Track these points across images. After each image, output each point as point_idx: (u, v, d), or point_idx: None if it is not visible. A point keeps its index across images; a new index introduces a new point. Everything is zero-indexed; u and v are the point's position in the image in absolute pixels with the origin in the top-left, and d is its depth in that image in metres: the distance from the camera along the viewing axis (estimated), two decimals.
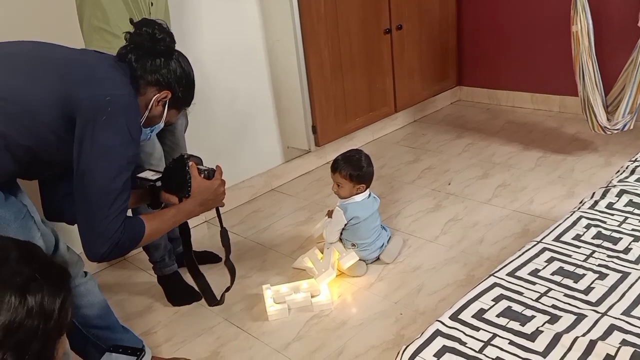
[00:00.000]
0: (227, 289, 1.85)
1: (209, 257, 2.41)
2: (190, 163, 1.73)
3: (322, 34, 2.87)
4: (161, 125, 1.72)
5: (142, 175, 1.84)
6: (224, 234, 1.89)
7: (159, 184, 1.79)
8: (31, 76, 1.47)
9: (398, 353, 1.19)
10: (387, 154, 3.32)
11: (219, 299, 1.84)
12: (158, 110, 1.65)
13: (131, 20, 1.65)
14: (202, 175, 1.75)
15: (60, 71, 1.50)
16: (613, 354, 1.07)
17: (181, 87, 1.65)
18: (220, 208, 1.85)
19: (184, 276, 2.16)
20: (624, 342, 1.10)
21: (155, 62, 1.59)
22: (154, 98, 1.61)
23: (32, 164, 1.53)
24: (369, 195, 2.29)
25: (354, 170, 2.20)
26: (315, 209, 2.78)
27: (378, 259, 2.30)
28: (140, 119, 1.60)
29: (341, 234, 2.27)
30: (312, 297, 2.09)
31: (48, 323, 0.70)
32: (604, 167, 2.85)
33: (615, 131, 2.82)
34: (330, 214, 2.30)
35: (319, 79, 2.90)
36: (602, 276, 1.31)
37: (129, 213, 1.67)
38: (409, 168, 3.12)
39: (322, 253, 2.28)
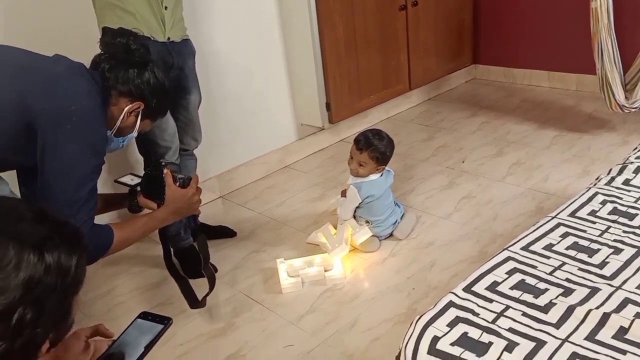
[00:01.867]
0: (207, 294, 1.87)
1: (224, 232, 2.44)
2: (166, 171, 1.74)
3: (337, 11, 2.85)
4: (134, 134, 1.72)
5: (122, 179, 1.87)
6: (202, 241, 1.90)
7: (138, 188, 1.81)
8: None
9: (411, 323, 1.21)
10: (401, 131, 3.31)
11: (200, 301, 1.86)
12: (130, 121, 1.65)
13: (104, 29, 1.63)
14: (177, 184, 1.76)
15: (21, 77, 1.48)
16: (627, 326, 1.08)
17: (155, 98, 1.64)
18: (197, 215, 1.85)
19: None
20: (638, 315, 1.11)
21: (129, 73, 1.58)
22: (125, 109, 1.60)
23: None
24: (384, 174, 2.29)
25: (382, 153, 2.20)
26: (328, 185, 2.80)
27: (391, 235, 2.31)
28: (105, 130, 1.59)
29: (355, 211, 2.28)
30: (326, 271, 2.11)
31: (65, 280, 0.73)
32: (620, 145, 2.82)
33: (634, 110, 2.79)
34: (344, 193, 2.31)
35: (333, 55, 2.88)
36: (617, 251, 1.31)
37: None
38: (423, 146, 3.11)
39: (336, 229, 2.30)
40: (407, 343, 1.15)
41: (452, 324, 1.14)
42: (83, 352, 0.96)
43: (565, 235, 1.41)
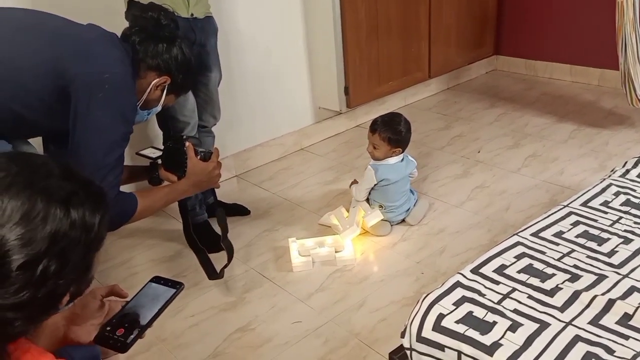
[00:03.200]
0: (226, 265, 1.93)
1: (238, 210, 2.48)
2: (187, 144, 1.78)
3: None
4: (158, 108, 1.76)
5: (144, 152, 1.91)
6: (220, 214, 1.93)
7: (159, 161, 1.85)
8: (23, 44, 1.49)
9: (418, 301, 1.23)
10: (418, 119, 3.31)
11: (218, 272, 1.92)
12: (156, 95, 1.68)
13: (134, 3, 1.66)
14: (199, 157, 1.80)
15: (56, 42, 1.51)
16: (631, 312, 1.09)
17: (181, 74, 1.67)
18: (216, 190, 1.89)
19: (214, 226, 2.23)
20: None
21: (158, 47, 1.61)
22: (153, 82, 1.64)
23: (18, 128, 1.56)
24: (402, 159, 2.29)
25: (393, 134, 2.20)
26: (343, 169, 2.82)
27: (403, 221, 2.33)
28: (135, 99, 1.63)
29: (370, 193, 2.30)
30: (336, 252, 2.14)
31: (89, 235, 0.76)
32: (639, 142, 2.80)
33: None
34: (354, 183, 2.33)
35: (354, 39, 2.88)
36: (627, 241, 1.32)
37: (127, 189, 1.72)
38: (439, 134, 3.11)
39: (348, 212, 2.32)
40: (412, 319, 1.18)
41: (457, 303, 1.16)
42: (98, 310, 0.99)
43: (576, 224, 1.42)
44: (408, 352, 1.18)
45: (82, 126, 1.50)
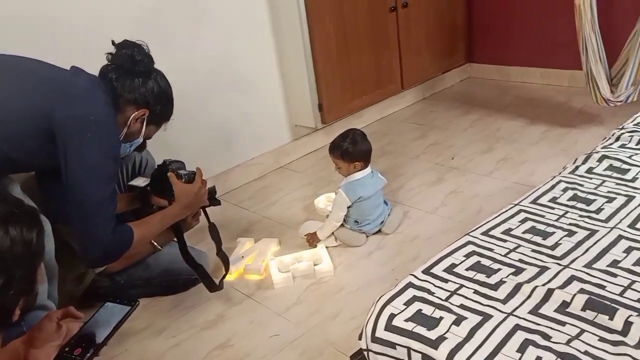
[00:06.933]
0: (224, 276, 2.00)
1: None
2: (169, 173, 1.88)
3: (327, 12, 2.92)
4: (140, 140, 1.85)
5: (133, 182, 2.04)
6: (212, 228, 2.01)
7: (149, 188, 1.97)
8: (12, 87, 1.58)
9: (373, 303, 1.28)
10: (394, 130, 3.38)
11: (217, 284, 1.98)
12: (137, 127, 1.78)
13: (113, 42, 1.76)
14: (183, 180, 1.89)
15: (44, 87, 1.60)
16: (569, 300, 1.14)
17: (159, 105, 1.78)
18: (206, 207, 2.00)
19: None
20: (581, 291, 1.17)
21: (134, 82, 1.71)
22: (132, 116, 1.73)
23: (7, 167, 1.63)
24: (372, 172, 2.33)
25: (343, 150, 2.24)
26: (322, 184, 2.88)
27: (379, 231, 2.38)
28: (119, 137, 1.72)
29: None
30: (315, 265, 2.19)
31: (29, 249, 0.82)
32: None
33: (619, 103, 2.83)
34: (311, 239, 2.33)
35: (324, 56, 2.96)
36: (571, 234, 1.38)
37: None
38: (415, 144, 3.18)
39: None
40: (367, 322, 1.23)
41: (408, 303, 1.22)
42: (56, 332, 1.05)
43: (524, 221, 1.47)
44: (365, 353, 1.23)
45: (74, 167, 1.58)
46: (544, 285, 1.19)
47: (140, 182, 2.05)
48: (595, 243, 1.32)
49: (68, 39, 2.20)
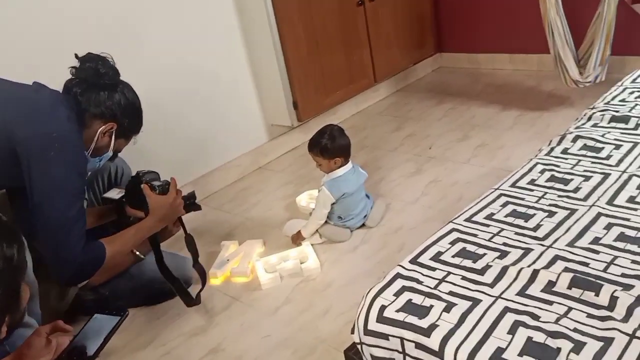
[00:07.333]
0: (201, 290, 1.97)
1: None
2: (143, 186, 1.84)
3: (295, 11, 2.93)
4: (110, 154, 1.81)
5: (108, 195, 2.00)
6: (189, 240, 1.98)
7: (124, 200, 1.93)
8: None
9: (363, 296, 1.29)
10: (370, 124, 3.40)
11: (194, 298, 1.95)
12: (105, 141, 1.74)
13: (76, 55, 1.72)
14: (157, 192, 1.85)
15: (4, 106, 1.56)
16: (554, 280, 1.16)
17: (127, 118, 1.74)
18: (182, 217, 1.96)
19: None
20: (566, 270, 1.20)
21: (100, 96, 1.67)
22: (99, 130, 1.69)
23: None
24: (353, 168, 2.33)
25: (322, 146, 2.24)
26: (302, 182, 2.88)
27: (363, 225, 2.39)
28: (84, 152, 1.68)
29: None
30: (301, 263, 2.19)
31: (11, 265, 0.81)
32: None
33: (588, 84, 2.89)
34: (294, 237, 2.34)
35: (296, 54, 2.96)
36: (551, 214, 1.40)
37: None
38: (392, 136, 3.20)
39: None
40: (359, 315, 1.24)
41: (398, 293, 1.23)
42: (45, 347, 1.03)
43: (505, 204, 1.50)
44: (359, 347, 1.24)
45: (40, 186, 1.54)
46: (529, 266, 1.21)
47: (115, 194, 2.01)
48: (575, 222, 1.35)
49: (29, 52, 2.14)
